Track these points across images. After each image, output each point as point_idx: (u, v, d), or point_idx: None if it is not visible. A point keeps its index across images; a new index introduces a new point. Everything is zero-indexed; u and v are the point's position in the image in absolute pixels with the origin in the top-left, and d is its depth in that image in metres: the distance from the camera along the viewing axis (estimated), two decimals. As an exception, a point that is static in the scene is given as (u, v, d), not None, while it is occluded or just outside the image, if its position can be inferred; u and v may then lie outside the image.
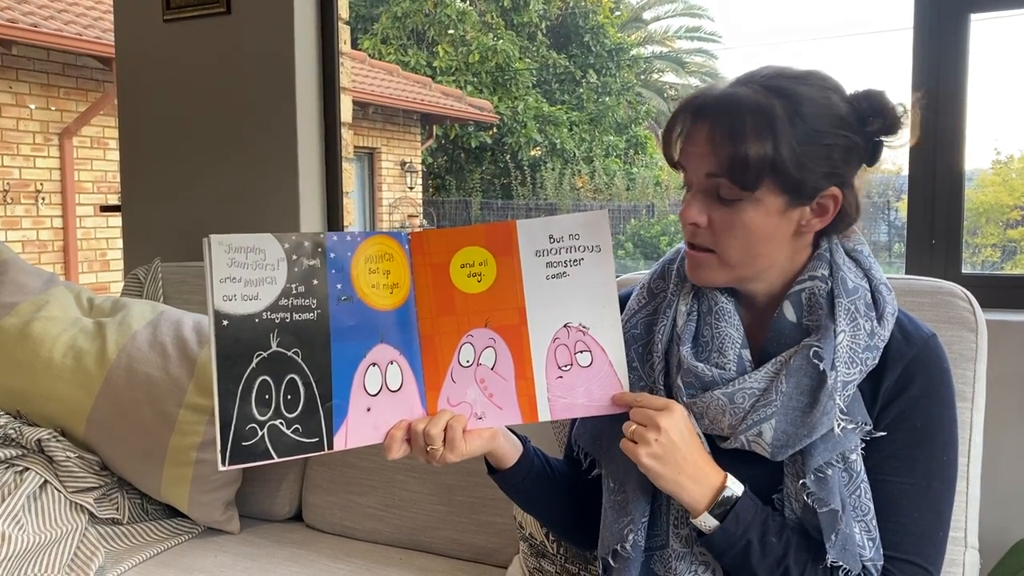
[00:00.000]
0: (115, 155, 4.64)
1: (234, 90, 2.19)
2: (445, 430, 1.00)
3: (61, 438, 1.66)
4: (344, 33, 2.27)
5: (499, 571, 1.54)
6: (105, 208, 4.19)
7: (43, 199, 6.77)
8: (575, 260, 1.02)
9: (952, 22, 1.57)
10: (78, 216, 6.96)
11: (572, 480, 1.13)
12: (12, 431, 1.65)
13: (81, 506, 1.61)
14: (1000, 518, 1.45)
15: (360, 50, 13.09)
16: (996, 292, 1.57)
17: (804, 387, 0.94)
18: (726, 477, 0.95)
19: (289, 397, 0.96)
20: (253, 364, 0.95)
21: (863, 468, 0.96)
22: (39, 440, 1.63)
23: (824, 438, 0.94)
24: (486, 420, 1.03)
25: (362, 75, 10.34)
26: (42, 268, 1.96)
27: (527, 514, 1.34)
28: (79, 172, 7.00)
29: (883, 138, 0.98)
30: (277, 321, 0.96)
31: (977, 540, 1.24)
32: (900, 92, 1.53)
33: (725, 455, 0.99)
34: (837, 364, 0.93)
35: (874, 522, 0.95)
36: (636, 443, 0.94)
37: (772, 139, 0.91)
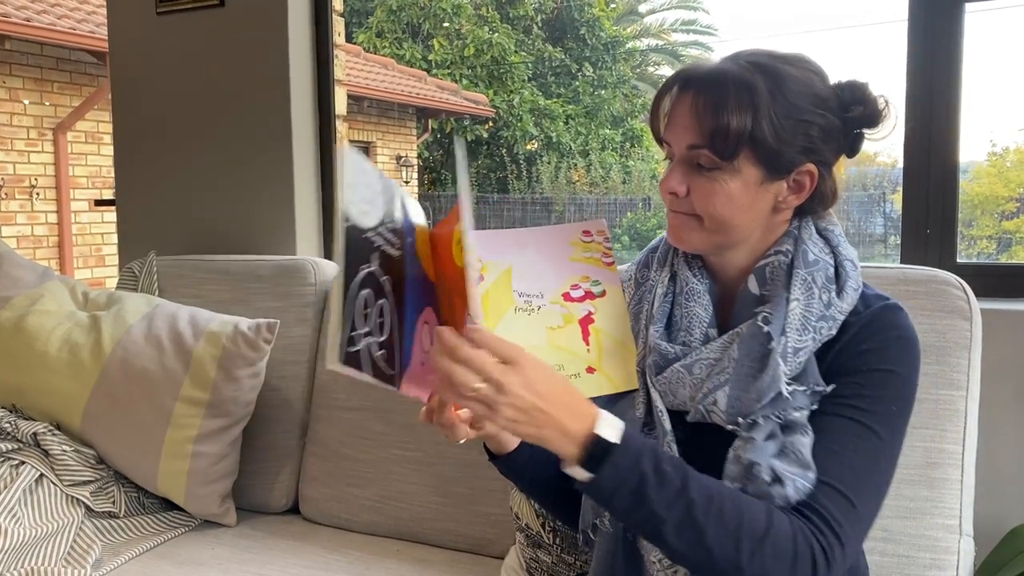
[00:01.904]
0: (109, 150, 4.64)
1: (228, 83, 2.18)
2: None
3: (57, 432, 1.66)
4: (338, 25, 2.27)
5: (496, 562, 1.54)
6: (100, 203, 4.18)
7: (37, 194, 6.75)
8: None
9: (947, 13, 1.57)
10: (73, 211, 6.94)
11: None
12: (8, 425, 1.65)
13: (77, 499, 1.61)
14: (995, 506, 1.46)
15: (355, 44, 13.06)
16: (991, 281, 1.58)
17: (754, 353, 0.95)
18: (596, 419, 0.87)
19: (380, 320, 0.92)
20: (360, 275, 0.91)
21: (806, 423, 0.94)
22: (35, 434, 1.63)
23: (773, 402, 0.94)
24: None
25: (357, 69, 10.31)
26: (37, 263, 1.96)
27: (525, 503, 1.35)
28: (73, 167, 6.98)
29: (864, 130, 1.01)
30: (376, 244, 0.94)
31: (972, 528, 1.24)
32: (895, 83, 1.53)
33: (693, 431, 1.00)
34: (787, 331, 0.94)
35: (805, 459, 0.92)
36: (488, 408, 0.83)
37: (753, 111, 0.94)
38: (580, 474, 0.87)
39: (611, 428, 0.87)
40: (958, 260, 1.61)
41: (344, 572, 1.52)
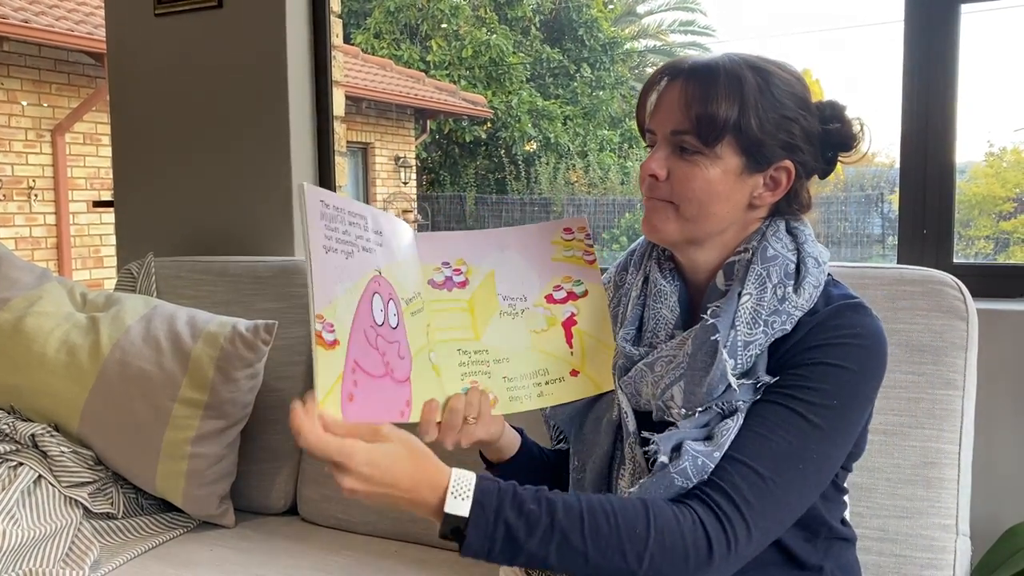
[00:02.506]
0: (108, 151, 4.63)
1: (226, 84, 2.18)
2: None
3: (55, 433, 1.66)
4: (336, 27, 2.27)
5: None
6: (98, 204, 4.19)
7: (36, 196, 6.75)
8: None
9: (943, 14, 1.58)
10: (71, 212, 6.94)
11: (563, 470, 1.15)
12: (6, 426, 1.65)
13: (76, 501, 1.61)
14: (991, 505, 1.46)
15: (353, 45, 13.06)
16: (987, 281, 1.58)
17: (706, 347, 0.95)
18: (446, 489, 0.86)
19: None
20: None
21: (743, 410, 0.93)
22: (33, 435, 1.63)
23: (723, 394, 0.94)
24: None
25: (355, 70, 10.32)
26: (35, 264, 1.96)
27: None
28: (72, 168, 6.98)
29: (840, 154, 1.03)
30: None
31: (968, 527, 1.25)
32: (892, 84, 1.53)
33: (658, 429, 0.99)
34: (737, 324, 0.94)
35: (721, 440, 0.91)
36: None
37: (740, 101, 0.95)
38: (451, 542, 0.87)
39: (461, 499, 0.85)
40: (955, 260, 1.61)
41: (342, 573, 1.52)
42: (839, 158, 1.04)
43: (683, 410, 0.96)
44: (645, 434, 0.98)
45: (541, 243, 1.14)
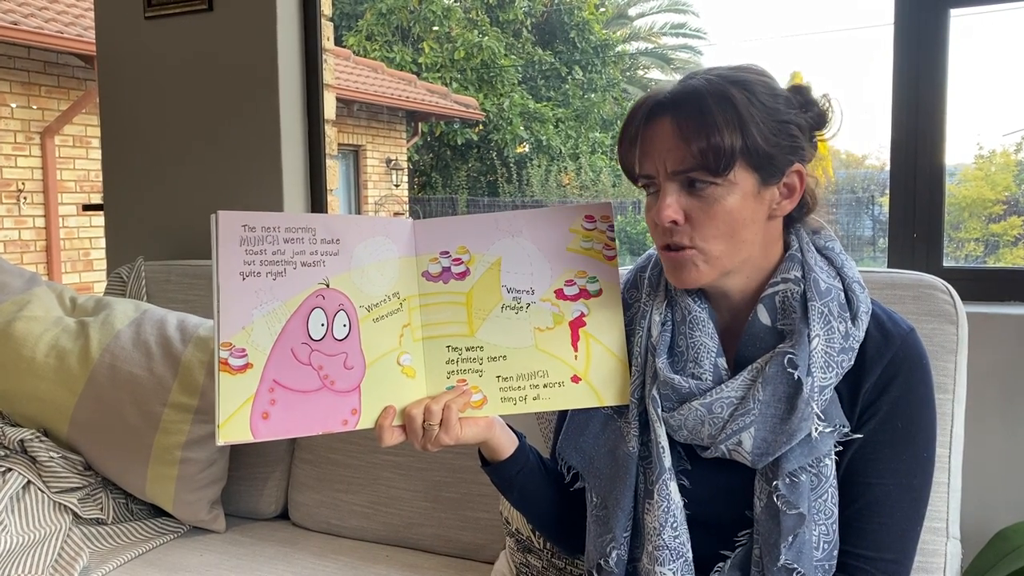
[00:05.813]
0: (97, 154, 4.59)
1: (217, 87, 2.18)
2: (442, 409, 1.00)
3: (44, 438, 1.65)
4: (327, 30, 2.27)
5: (486, 567, 1.54)
6: (88, 207, 4.17)
7: (25, 198, 6.71)
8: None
9: (932, 17, 1.58)
10: (61, 215, 6.91)
11: (562, 482, 1.13)
12: (-6, 432, 1.64)
13: (65, 506, 1.60)
14: (981, 508, 1.47)
15: (345, 47, 13.04)
16: (977, 285, 1.59)
17: (781, 394, 0.94)
18: None
19: None
20: None
21: (833, 473, 0.95)
22: (22, 440, 1.62)
23: (801, 443, 0.94)
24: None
25: (347, 72, 10.30)
26: (24, 268, 1.95)
27: (517, 512, 1.34)
28: (61, 171, 6.94)
29: (815, 132, 1.00)
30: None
31: (959, 530, 1.25)
32: (882, 87, 1.54)
33: (705, 464, 0.99)
34: (813, 370, 0.93)
35: (835, 525, 0.96)
36: None
37: (739, 122, 0.91)
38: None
39: None
40: (945, 263, 1.62)
41: (334, 578, 1.52)
42: (817, 138, 1.01)
43: (752, 455, 0.94)
44: (783, 498, 0.96)
45: (557, 230, 1.05)
